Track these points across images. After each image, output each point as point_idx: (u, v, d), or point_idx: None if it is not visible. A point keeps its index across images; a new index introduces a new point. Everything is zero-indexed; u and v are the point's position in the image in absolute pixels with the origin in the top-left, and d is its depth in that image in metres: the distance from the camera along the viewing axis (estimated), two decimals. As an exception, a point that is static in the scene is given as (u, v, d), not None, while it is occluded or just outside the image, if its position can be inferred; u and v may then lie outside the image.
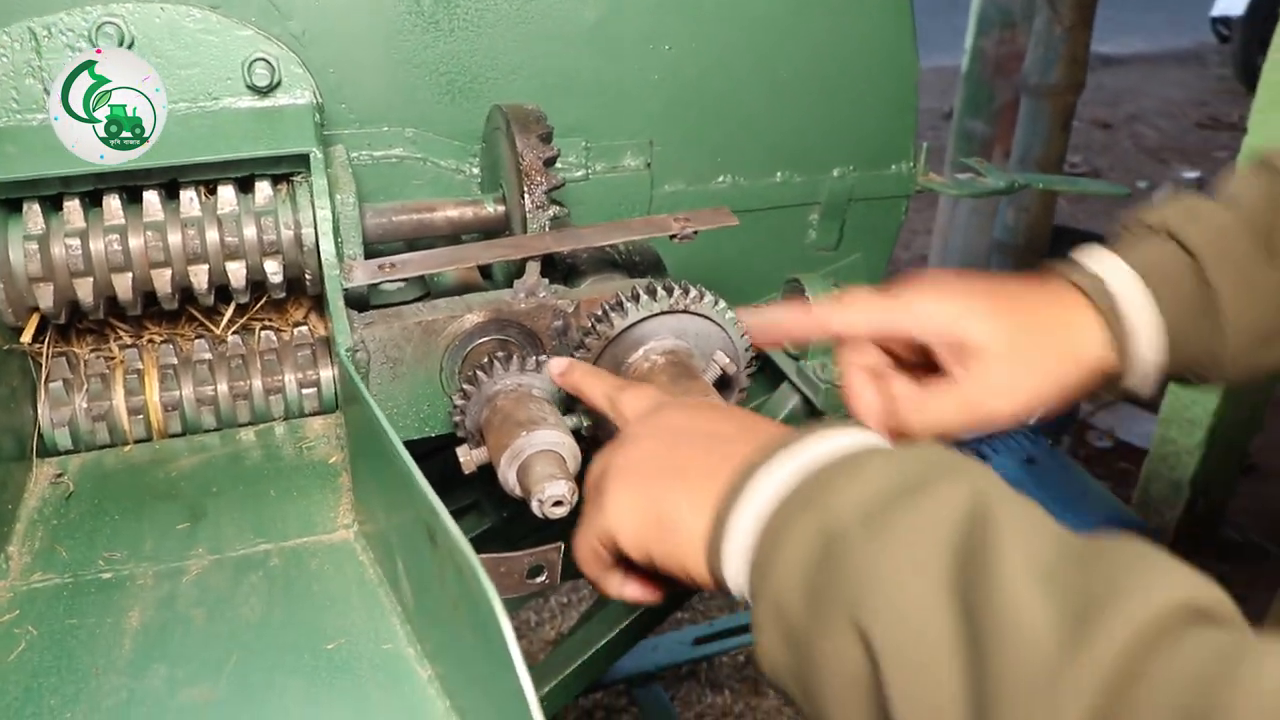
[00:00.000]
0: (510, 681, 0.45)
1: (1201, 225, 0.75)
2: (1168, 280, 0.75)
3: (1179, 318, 0.75)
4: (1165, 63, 8.67)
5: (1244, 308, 0.74)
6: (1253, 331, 0.75)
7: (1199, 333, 0.75)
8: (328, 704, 0.62)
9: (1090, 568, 0.44)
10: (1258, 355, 0.76)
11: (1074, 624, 0.41)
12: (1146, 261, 0.76)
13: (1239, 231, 0.75)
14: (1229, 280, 0.73)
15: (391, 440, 0.60)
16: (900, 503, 0.50)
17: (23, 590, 0.73)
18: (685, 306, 0.83)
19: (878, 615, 0.47)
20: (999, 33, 3.28)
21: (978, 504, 0.49)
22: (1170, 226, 0.76)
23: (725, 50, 1.17)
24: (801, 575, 0.52)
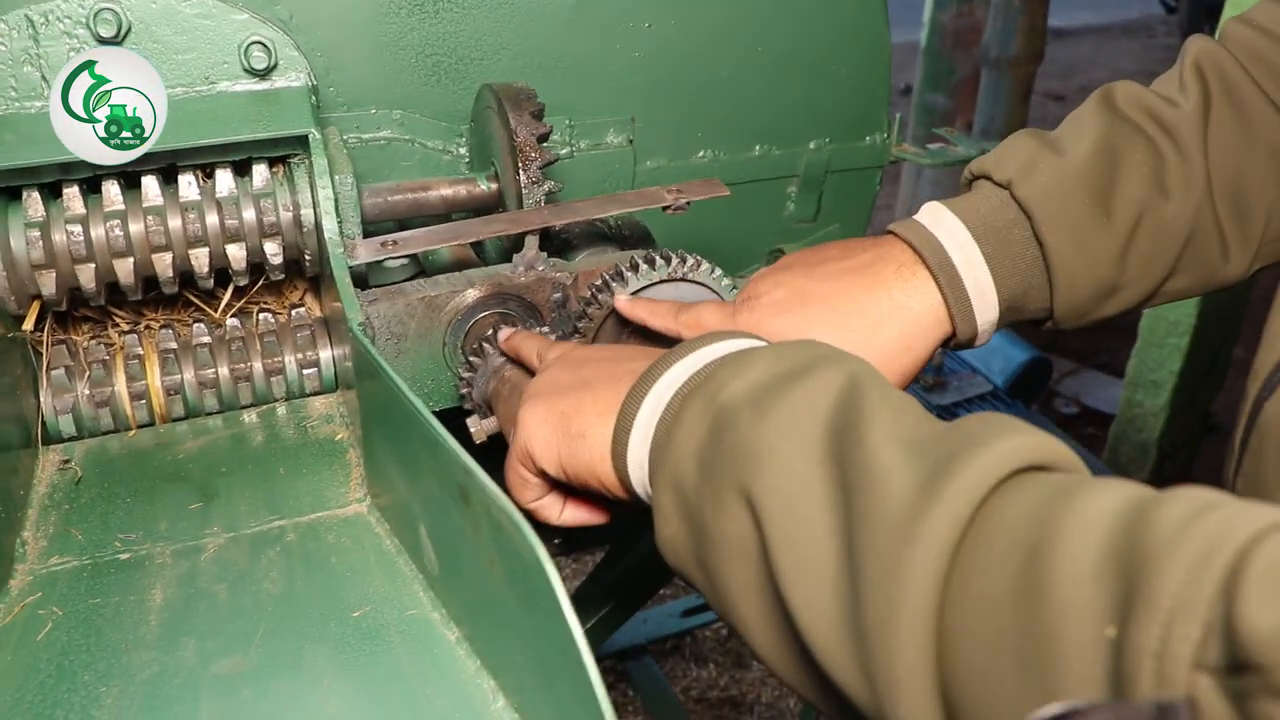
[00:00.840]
0: (558, 627, 0.47)
1: (1038, 182, 0.77)
2: (1003, 238, 0.77)
3: (1011, 273, 0.77)
4: (1114, 34, 8.80)
5: (1076, 265, 0.76)
6: (1086, 286, 0.77)
7: (1031, 286, 0.78)
8: (360, 669, 0.63)
9: (949, 435, 0.48)
10: (1092, 307, 0.79)
11: (929, 479, 0.46)
12: (981, 214, 0.78)
13: (1074, 187, 0.77)
14: (1062, 239, 0.76)
15: (416, 406, 0.61)
16: (784, 385, 0.55)
17: (42, 573, 0.74)
18: (684, 275, 0.84)
19: (762, 484, 0.52)
20: (956, 6, 3.32)
21: (853, 385, 0.54)
22: (1010, 180, 0.78)
23: (704, 27, 1.19)
24: (695, 455, 0.57)
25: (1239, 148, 0.79)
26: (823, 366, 0.56)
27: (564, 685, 0.49)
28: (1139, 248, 0.77)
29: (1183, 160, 0.78)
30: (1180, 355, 2.66)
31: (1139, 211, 0.77)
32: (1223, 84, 0.81)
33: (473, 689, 0.61)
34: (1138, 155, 0.78)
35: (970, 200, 0.79)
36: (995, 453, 0.45)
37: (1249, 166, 0.79)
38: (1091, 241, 0.76)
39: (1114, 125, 0.80)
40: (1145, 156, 0.78)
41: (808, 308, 0.77)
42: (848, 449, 0.50)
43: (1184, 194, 0.78)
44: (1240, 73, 0.81)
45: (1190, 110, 0.80)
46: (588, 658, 0.45)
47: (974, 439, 0.47)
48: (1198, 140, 0.79)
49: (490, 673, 0.62)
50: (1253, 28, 0.82)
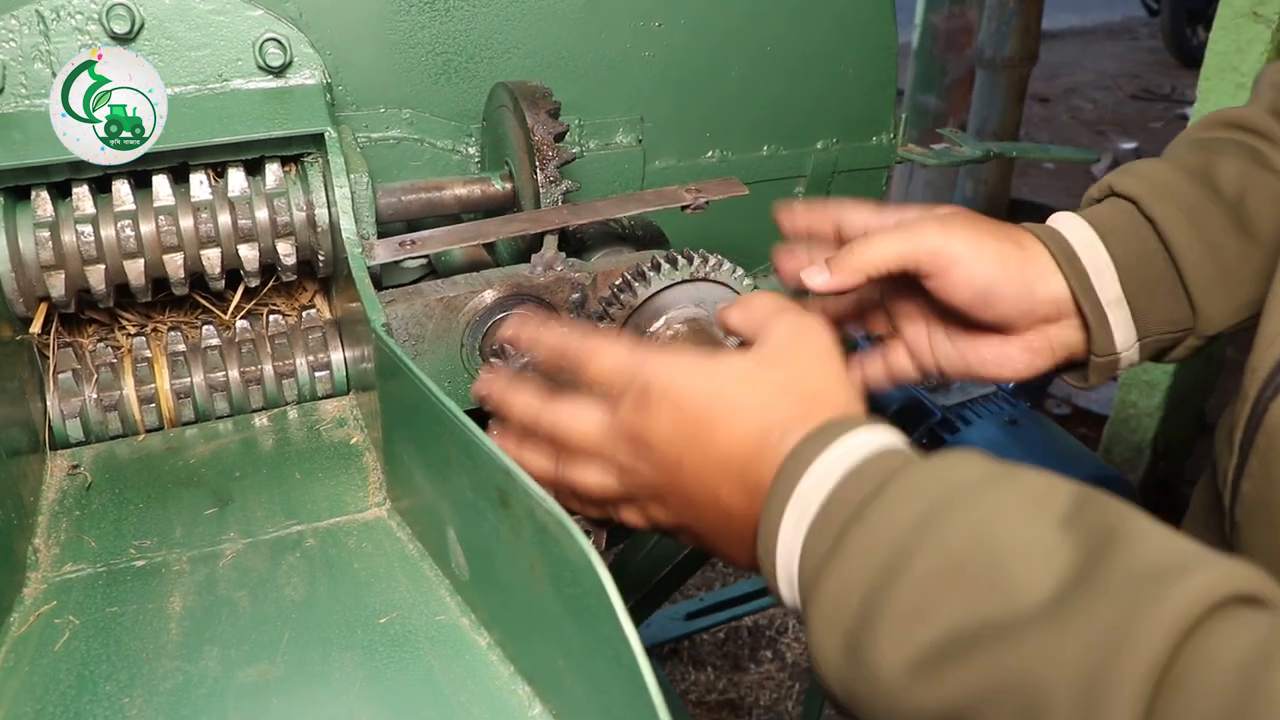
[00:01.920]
0: (610, 631, 0.46)
1: (1134, 175, 0.78)
2: (1113, 222, 0.77)
3: (1132, 255, 0.76)
4: (1097, 36, 8.85)
5: (1189, 234, 0.75)
6: (1211, 261, 0.75)
7: (1156, 269, 0.76)
8: (390, 676, 0.62)
9: (1118, 561, 0.45)
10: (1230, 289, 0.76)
11: (1122, 616, 0.42)
12: (1092, 214, 0.78)
13: (1174, 172, 0.77)
14: (1167, 208, 0.75)
15: (448, 407, 0.60)
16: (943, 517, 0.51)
17: (56, 581, 0.72)
18: (705, 274, 0.83)
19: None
20: (949, 7, 3.32)
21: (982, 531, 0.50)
22: (1111, 185, 0.79)
23: (714, 27, 1.18)
24: (860, 594, 0.52)
25: None
26: (970, 497, 0.51)
27: (615, 690, 0.48)
28: (1253, 219, 0.76)
29: (1275, 145, 0.79)
30: (1173, 355, 2.66)
31: (1243, 185, 0.76)
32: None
33: (507, 695, 0.60)
34: (1229, 149, 0.79)
35: (1083, 211, 0.80)
36: (1198, 582, 0.41)
37: None
38: (1203, 213, 0.75)
39: (1199, 140, 0.81)
40: (1237, 149, 0.79)
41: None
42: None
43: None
44: None
45: (1269, 102, 0.81)
46: (643, 661, 0.44)
47: (1162, 564, 0.43)
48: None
49: (525, 678, 0.60)
50: None
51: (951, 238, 0.74)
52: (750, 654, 2.69)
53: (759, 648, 2.71)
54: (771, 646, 2.71)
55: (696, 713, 2.47)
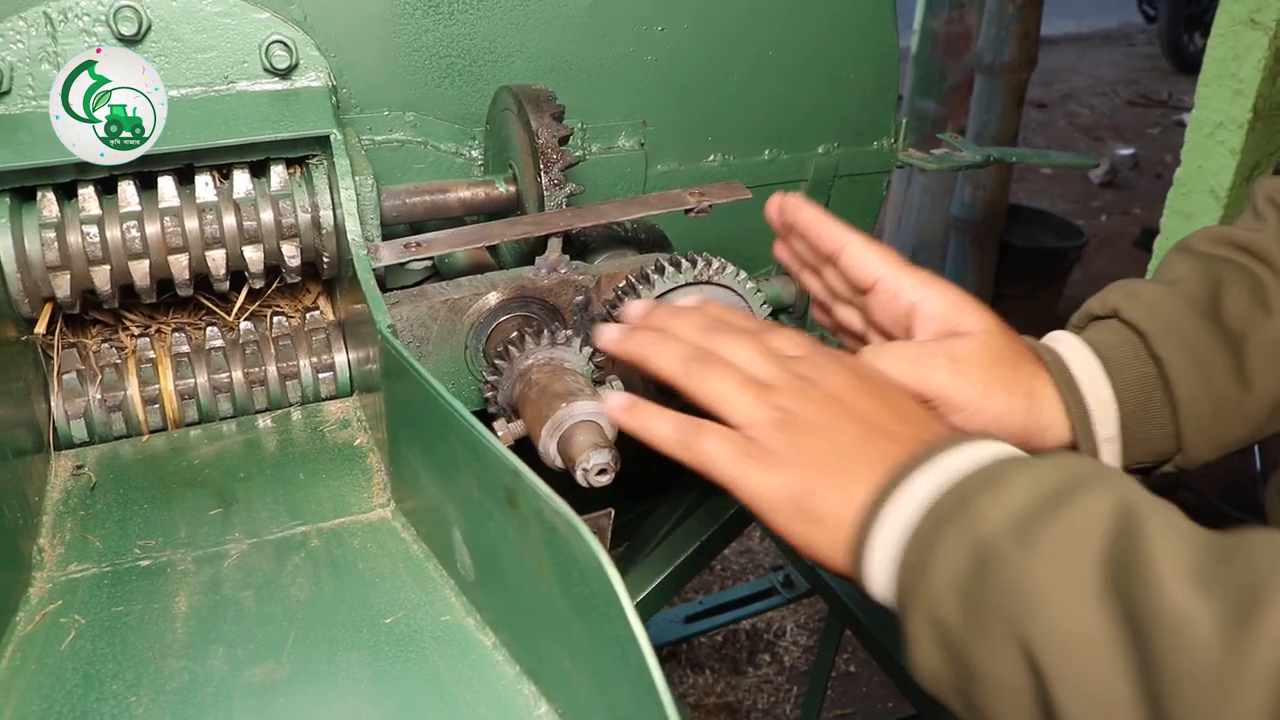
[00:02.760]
0: (618, 630, 0.46)
1: (1143, 302, 0.76)
2: (1118, 355, 0.75)
3: (1132, 391, 0.75)
4: (1094, 42, 8.88)
5: (1192, 379, 0.74)
6: (1208, 405, 0.75)
7: (1153, 407, 0.75)
8: (396, 676, 0.62)
9: (1239, 559, 0.46)
10: (1220, 431, 0.76)
11: (1234, 620, 0.43)
12: (1098, 341, 0.77)
13: (1179, 304, 0.76)
14: (1175, 350, 0.74)
15: (455, 408, 0.60)
16: (1049, 513, 0.52)
17: (61, 581, 0.72)
18: (709, 278, 0.84)
19: (1038, 628, 0.49)
20: (948, 13, 3.33)
21: (1122, 511, 0.51)
22: (1114, 308, 0.77)
23: (716, 31, 1.19)
24: (956, 590, 0.54)
25: None
26: (1087, 489, 0.53)
27: (622, 690, 0.48)
28: (1251, 365, 0.76)
29: (1278, 279, 0.78)
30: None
31: (1247, 326, 0.76)
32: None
33: (513, 694, 0.60)
34: (1235, 278, 0.78)
35: (1091, 330, 0.79)
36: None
37: None
38: (1207, 354, 0.75)
39: (1203, 261, 0.80)
40: (1242, 279, 0.78)
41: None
42: (1132, 588, 0.47)
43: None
44: None
45: (1274, 231, 0.80)
46: (652, 661, 0.45)
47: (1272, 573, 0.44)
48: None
49: (531, 678, 0.61)
50: None
51: (961, 382, 0.73)
52: (749, 657, 2.69)
53: (757, 651, 2.72)
54: (770, 650, 2.72)
55: (695, 716, 2.48)
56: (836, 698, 2.56)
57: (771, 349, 0.70)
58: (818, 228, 0.81)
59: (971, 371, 0.73)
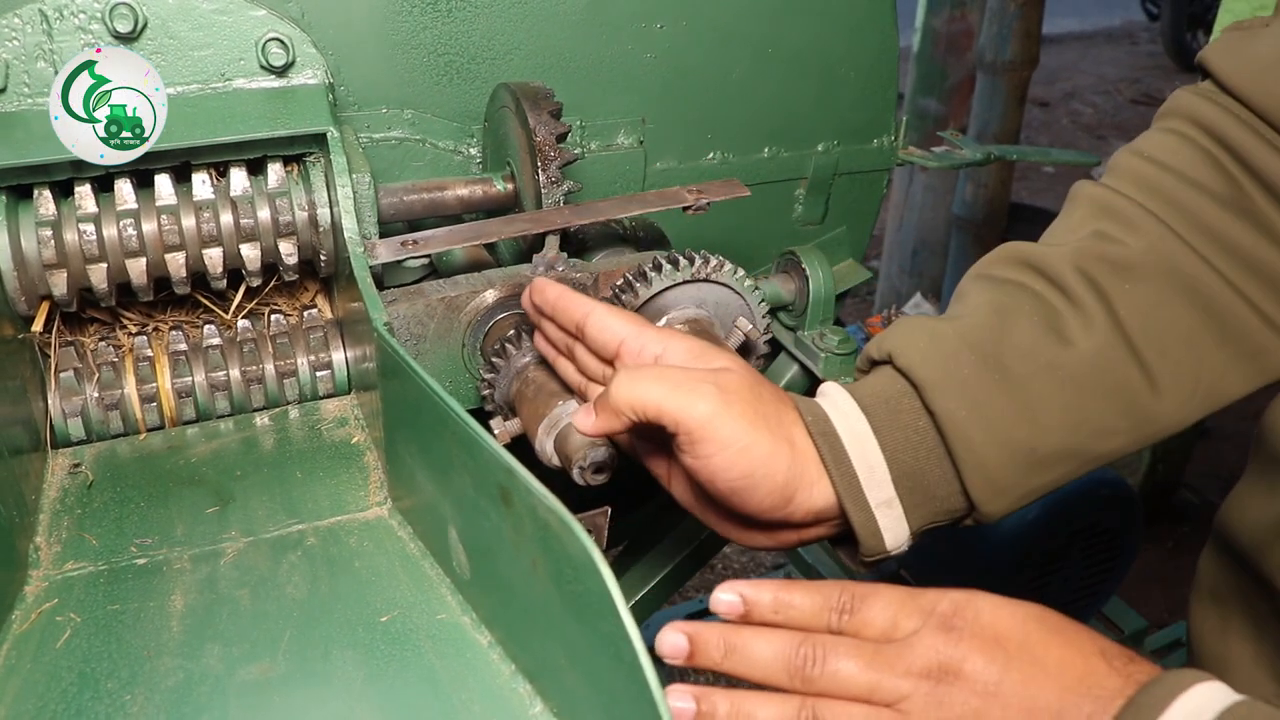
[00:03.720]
0: (611, 628, 0.46)
1: (919, 349, 0.71)
2: (889, 411, 0.70)
3: (903, 445, 0.69)
4: (1097, 41, 8.86)
5: (975, 431, 0.69)
6: (995, 456, 0.69)
7: (929, 462, 0.70)
8: (391, 674, 0.62)
9: None
10: (1014, 480, 0.70)
11: None
12: (869, 395, 0.71)
13: (959, 348, 0.71)
14: (952, 403, 0.69)
15: (451, 406, 0.60)
16: None
17: (57, 579, 0.72)
18: (707, 275, 0.84)
19: None
20: (949, 11, 3.33)
21: None
22: (889, 353, 0.73)
23: (716, 29, 1.18)
24: None
25: (1145, 280, 0.72)
26: None
27: (616, 687, 0.48)
28: (1047, 404, 0.70)
29: (1074, 305, 0.72)
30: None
31: (1035, 364, 0.70)
32: (1116, 218, 0.75)
33: (509, 693, 0.60)
34: (1024, 308, 0.72)
35: (863, 381, 0.74)
36: None
37: (1159, 297, 0.72)
38: (987, 401, 0.69)
39: (994, 288, 0.75)
40: (1032, 309, 0.72)
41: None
42: None
43: (1086, 339, 0.71)
44: (1133, 206, 0.75)
45: (1075, 248, 0.74)
46: (645, 659, 0.44)
47: None
48: (1087, 280, 0.73)
49: (527, 677, 0.60)
50: (1144, 159, 0.77)
51: (727, 415, 0.65)
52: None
53: (758, 650, 2.70)
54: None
55: (695, 715, 2.47)
56: (838, 697, 2.55)
57: (881, 657, 0.57)
58: (563, 302, 0.75)
59: (737, 405, 0.66)
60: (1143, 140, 0.79)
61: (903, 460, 0.69)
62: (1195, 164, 0.75)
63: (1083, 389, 0.71)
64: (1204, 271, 0.72)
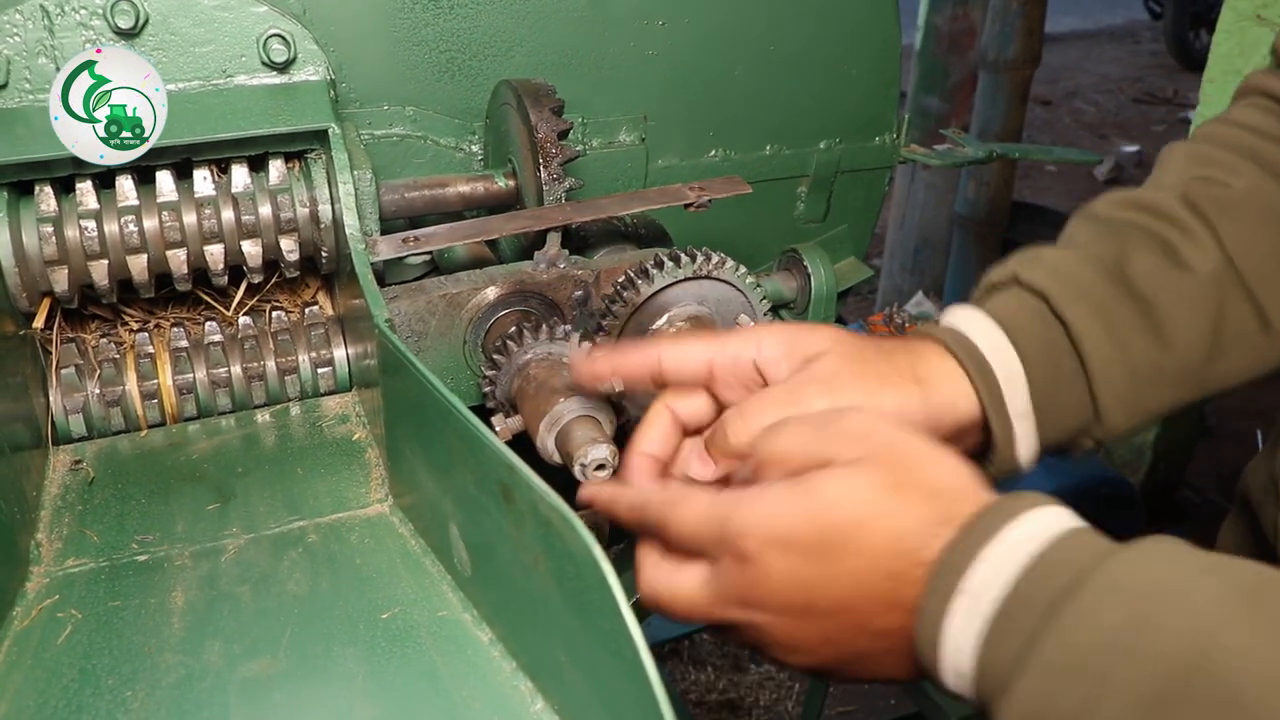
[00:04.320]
0: (612, 625, 0.46)
1: (1044, 265, 0.72)
2: (1020, 322, 0.70)
3: (1040, 359, 0.69)
4: (1100, 39, 8.86)
5: (1102, 339, 0.69)
6: (1121, 367, 0.70)
7: (1064, 374, 0.70)
8: (392, 671, 0.62)
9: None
10: (1138, 395, 0.71)
11: None
12: (998, 310, 0.71)
13: (1083, 265, 0.71)
14: (1079, 310, 0.69)
15: (452, 403, 0.60)
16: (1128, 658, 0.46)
17: (58, 575, 0.72)
18: (709, 272, 0.84)
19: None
20: (951, 9, 3.32)
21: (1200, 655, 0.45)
22: (1012, 275, 0.72)
23: (717, 26, 1.18)
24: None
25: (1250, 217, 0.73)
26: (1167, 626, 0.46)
27: (618, 685, 0.48)
28: (1170, 321, 0.70)
29: (1188, 235, 0.73)
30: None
31: (1157, 284, 0.71)
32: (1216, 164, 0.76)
33: (510, 690, 0.60)
34: (1141, 239, 0.73)
35: (990, 300, 0.73)
36: None
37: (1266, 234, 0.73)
38: (1114, 313, 0.70)
39: (1106, 227, 0.75)
40: (1148, 239, 0.73)
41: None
42: None
43: (1202, 264, 0.71)
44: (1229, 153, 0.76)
45: (1181, 190, 0.75)
46: (646, 656, 0.44)
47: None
48: (1196, 214, 0.73)
49: (528, 674, 0.60)
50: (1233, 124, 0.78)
51: (842, 398, 0.64)
52: (750, 654, 2.69)
53: (759, 648, 2.71)
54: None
55: (697, 712, 2.47)
56: (839, 695, 2.56)
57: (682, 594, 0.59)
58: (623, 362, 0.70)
59: (846, 383, 0.65)
60: (1225, 112, 0.81)
61: (1038, 369, 0.69)
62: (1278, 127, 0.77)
63: (1198, 312, 0.72)
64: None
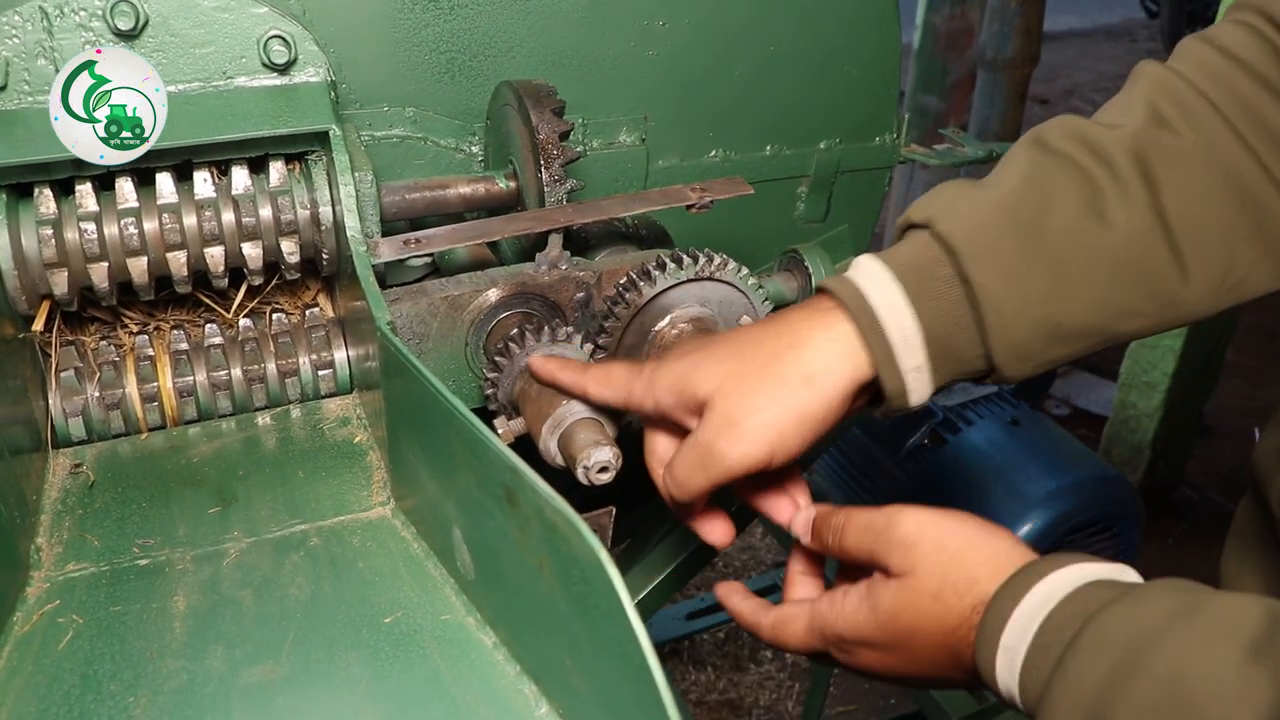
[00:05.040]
0: (619, 630, 0.45)
1: (960, 218, 0.72)
2: (926, 276, 0.71)
3: (936, 313, 0.71)
4: (1097, 38, 8.86)
5: (1007, 301, 0.71)
6: (1023, 325, 0.71)
7: (959, 327, 0.72)
8: (396, 676, 0.62)
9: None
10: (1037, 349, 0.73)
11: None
12: (906, 260, 0.72)
13: (1000, 219, 0.72)
14: (988, 273, 0.70)
15: (455, 405, 0.60)
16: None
17: (59, 580, 0.72)
18: (711, 274, 0.83)
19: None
20: (949, 8, 3.32)
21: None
22: (929, 218, 0.73)
23: (718, 26, 1.18)
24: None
25: (1194, 171, 0.73)
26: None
27: (623, 689, 0.47)
28: (1079, 281, 0.71)
29: (1121, 187, 0.72)
30: (1174, 357, 2.67)
31: (1073, 242, 0.71)
32: (1177, 106, 0.75)
33: (514, 694, 0.60)
34: (1070, 185, 0.73)
35: (897, 247, 0.74)
36: None
37: (1205, 189, 0.73)
38: (1023, 275, 0.71)
39: (1044, 159, 0.74)
40: (1078, 186, 0.73)
41: (709, 347, 0.73)
42: None
43: (1126, 221, 0.72)
44: (1195, 94, 0.75)
45: (1132, 132, 0.74)
46: (653, 660, 0.44)
47: None
48: (1138, 164, 0.73)
49: (531, 677, 0.60)
50: (1214, 47, 0.76)
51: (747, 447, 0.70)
52: (750, 654, 2.69)
53: (759, 648, 2.71)
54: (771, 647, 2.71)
55: (697, 712, 2.47)
56: (839, 694, 2.56)
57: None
58: (557, 375, 0.79)
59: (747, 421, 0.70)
60: (1214, 29, 0.79)
61: (934, 327, 0.71)
62: (1261, 57, 0.75)
63: (1115, 270, 0.73)
64: (1251, 166, 0.74)
